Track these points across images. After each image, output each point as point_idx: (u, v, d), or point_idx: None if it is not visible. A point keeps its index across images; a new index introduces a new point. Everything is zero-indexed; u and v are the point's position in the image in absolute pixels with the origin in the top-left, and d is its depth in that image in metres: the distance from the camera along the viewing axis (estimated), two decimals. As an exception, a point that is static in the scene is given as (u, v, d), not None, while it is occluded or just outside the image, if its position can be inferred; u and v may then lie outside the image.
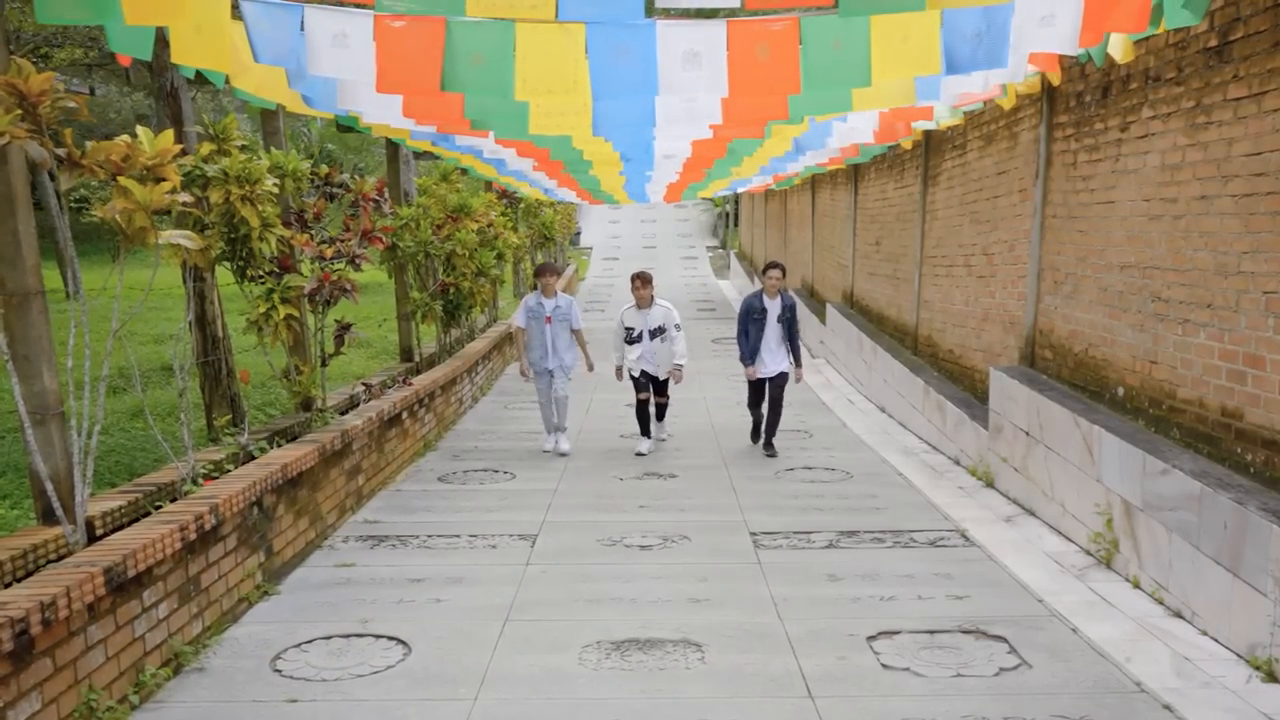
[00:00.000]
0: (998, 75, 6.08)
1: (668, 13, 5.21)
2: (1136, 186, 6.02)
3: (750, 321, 8.95)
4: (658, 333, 8.95)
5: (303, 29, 4.67)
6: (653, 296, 9.02)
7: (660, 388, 9.28)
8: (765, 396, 9.11)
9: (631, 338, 9.06)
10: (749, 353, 8.99)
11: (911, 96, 6.40)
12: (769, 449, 9.10)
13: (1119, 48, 5.46)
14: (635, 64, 4.76)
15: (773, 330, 8.92)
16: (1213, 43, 5.19)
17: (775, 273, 8.93)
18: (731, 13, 5.03)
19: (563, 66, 4.81)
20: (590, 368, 9.44)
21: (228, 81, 5.23)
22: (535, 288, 9.28)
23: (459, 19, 4.65)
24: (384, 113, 6.52)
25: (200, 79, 5.83)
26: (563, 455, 9.03)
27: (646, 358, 9.05)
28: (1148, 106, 5.88)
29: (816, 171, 14.58)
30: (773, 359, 8.97)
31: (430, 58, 4.64)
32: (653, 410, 9.33)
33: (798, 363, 9.08)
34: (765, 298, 8.94)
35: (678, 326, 8.95)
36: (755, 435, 9.48)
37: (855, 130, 8.98)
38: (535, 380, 9.19)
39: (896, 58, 4.75)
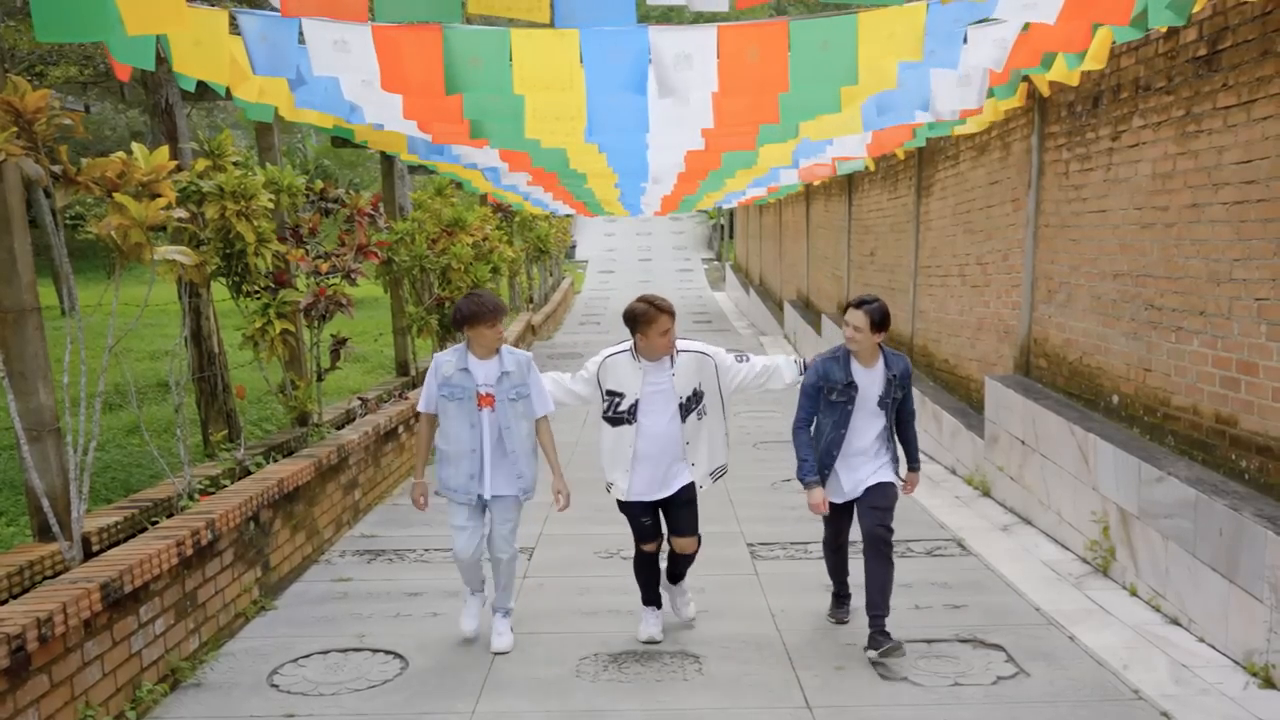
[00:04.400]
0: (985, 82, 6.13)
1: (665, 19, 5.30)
2: (1128, 195, 6.05)
3: (825, 404, 4.71)
4: (692, 404, 4.64)
5: (301, 41, 4.72)
6: (673, 344, 4.61)
7: (682, 520, 4.78)
8: (848, 529, 5.02)
9: (617, 413, 4.65)
10: (813, 462, 4.72)
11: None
12: (879, 646, 4.56)
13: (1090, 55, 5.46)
14: (629, 64, 4.84)
15: (867, 420, 4.71)
16: (1202, 51, 5.23)
17: (860, 316, 4.58)
18: (725, 18, 5.09)
19: (559, 69, 4.90)
20: (564, 500, 4.83)
21: (228, 93, 5.24)
22: (458, 338, 5.09)
23: (454, 27, 4.70)
24: (384, 114, 6.53)
25: (198, 94, 5.85)
26: (500, 654, 4.77)
27: (650, 461, 4.64)
28: (1138, 115, 5.92)
29: (809, 184, 14.63)
30: (866, 466, 4.75)
31: (430, 62, 4.69)
32: (664, 565, 5.00)
33: (912, 464, 4.93)
34: (854, 363, 4.67)
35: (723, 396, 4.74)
36: (839, 605, 5.21)
37: (848, 147, 9.00)
38: (451, 515, 4.82)
39: (881, 50, 4.80)
